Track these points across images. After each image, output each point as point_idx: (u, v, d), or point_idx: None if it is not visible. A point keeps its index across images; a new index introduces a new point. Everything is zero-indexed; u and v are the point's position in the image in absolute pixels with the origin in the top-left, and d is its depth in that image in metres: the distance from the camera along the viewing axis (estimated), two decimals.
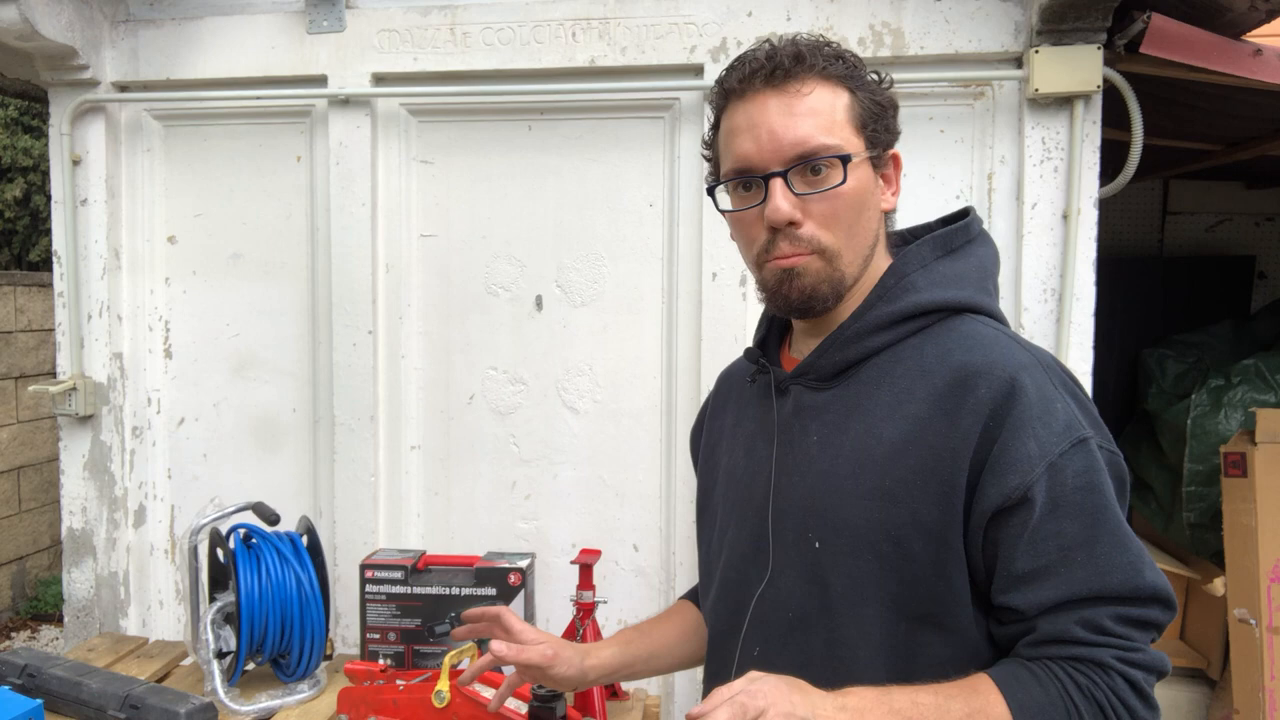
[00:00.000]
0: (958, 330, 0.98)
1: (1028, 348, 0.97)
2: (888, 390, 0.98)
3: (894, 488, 0.94)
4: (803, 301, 1.00)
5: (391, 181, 2.23)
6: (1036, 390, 0.91)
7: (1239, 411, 2.84)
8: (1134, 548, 0.90)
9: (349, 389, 2.23)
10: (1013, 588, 0.90)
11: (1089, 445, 0.91)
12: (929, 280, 1.01)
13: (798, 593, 1.00)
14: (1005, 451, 0.89)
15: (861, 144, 0.99)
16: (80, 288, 2.29)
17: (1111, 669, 0.87)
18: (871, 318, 1.00)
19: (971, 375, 0.93)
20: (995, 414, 0.91)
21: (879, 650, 0.95)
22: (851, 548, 0.96)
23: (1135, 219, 3.75)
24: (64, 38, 2.12)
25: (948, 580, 0.92)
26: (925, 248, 1.04)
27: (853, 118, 0.98)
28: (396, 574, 1.96)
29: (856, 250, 1.00)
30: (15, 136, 6.94)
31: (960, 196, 2.05)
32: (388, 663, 1.95)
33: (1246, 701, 2.59)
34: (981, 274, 1.05)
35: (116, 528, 2.33)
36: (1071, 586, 0.88)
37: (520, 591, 1.93)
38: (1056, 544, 0.89)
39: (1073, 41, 1.91)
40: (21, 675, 1.78)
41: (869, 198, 1.00)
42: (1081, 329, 1.98)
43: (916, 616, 0.94)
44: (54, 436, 4.75)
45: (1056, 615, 0.88)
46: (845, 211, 0.97)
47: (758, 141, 0.97)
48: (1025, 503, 0.89)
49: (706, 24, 2.07)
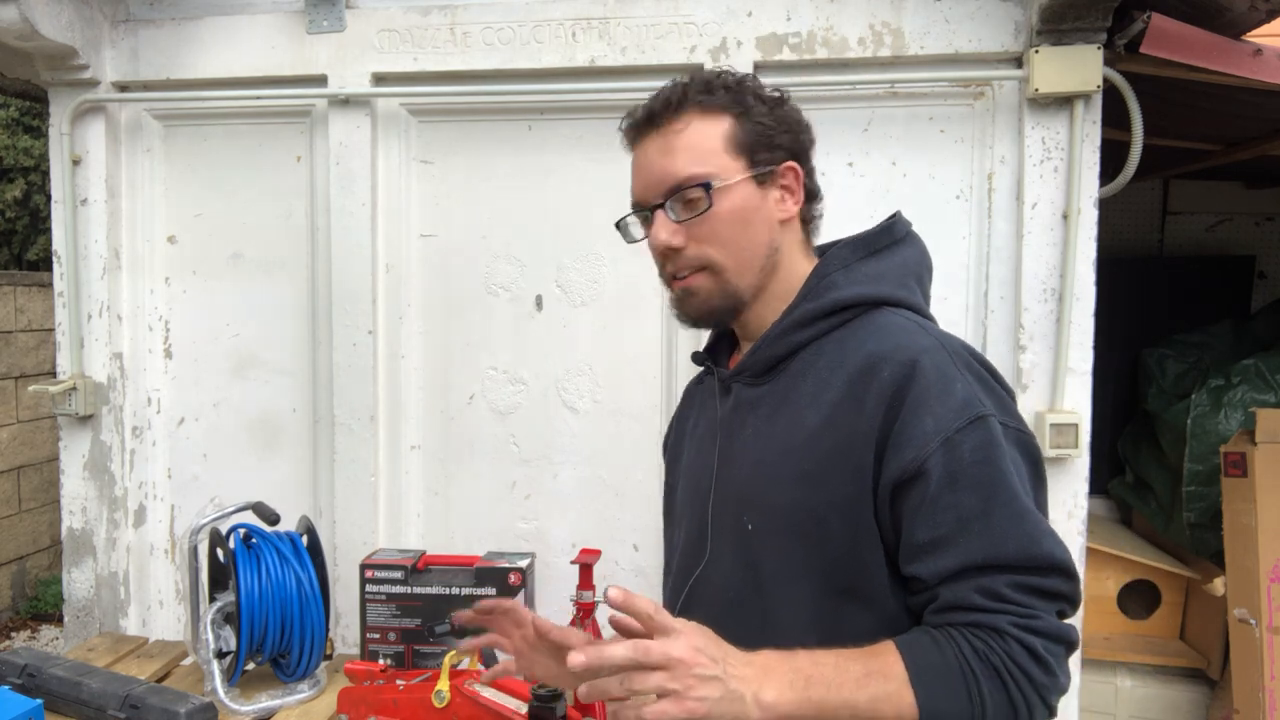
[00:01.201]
0: (874, 322, 1.05)
1: (935, 334, 1.03)
2: (811, 381, 1.05)
3: (814, 470, 1.00)
4: (700, 315, 1.11)
5: (391, 181, 2.23)
6: (936, 371, 0.97)
7: (1239, 411, 2.84)
8: (1032, 519, 0.93)
9: (349, 389, 2.23)
10: (915, 558, 0.95)
11: (988, 422, 0.95)
12: (849, 279, 1.09)
13: (734, 575, 1.07)
14: (905, 428, 0.95)
15: (741, 165, 1.07)
16: (80, 288, 2.29)
17: (1008, 634, 0.90)
18: (796, 316, 1.08)
19: (878, 361, 0.99)
20: (897, 394, 0.96)
21: (809, 626, 1.00)
22: (780, 528, 1.03)
23: (1135, 219, 3.74)
24: (64, 38, 2.12)
25: (863, 555, 0.98)
26: (846, 250, 1.12)
27: (732, 144, 1.07)
28: (396, 574, 1.96)
29: (745, 262, 1.08)
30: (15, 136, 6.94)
31: (960, 196, 2.05)
32: (388, 663, 1.95)
33: (1246, 701, 2.59)
34: (902, 271, 1.11)
35: (116, 528, 2.33)
36: (968, 554, 0.91)
37: (520, 591, 1.93)
38: (954, 515, 0.93)
39: (1073, 41, 1.91)
40: (21, 675, 1.78)
41: (751, 214, 1.07)
42: (1081, 329, 1.98)
43: (840, 591, 1.00)
44: (54, 436, 4.75)
45: (956, 584, 0.92)
46: (724, 229, 1.06)
47: (642, 180, 1.11)
48: (921, 475, 0.93)
49: (706, 24, 2.07)
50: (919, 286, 1.13)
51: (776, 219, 1.10)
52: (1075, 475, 2.01)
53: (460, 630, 1.86)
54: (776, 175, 1.10)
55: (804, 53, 2.04)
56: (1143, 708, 2.92)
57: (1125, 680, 2.92)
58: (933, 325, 1.07)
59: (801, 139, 1.12)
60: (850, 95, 2.06)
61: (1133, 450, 3.32)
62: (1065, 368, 1.98)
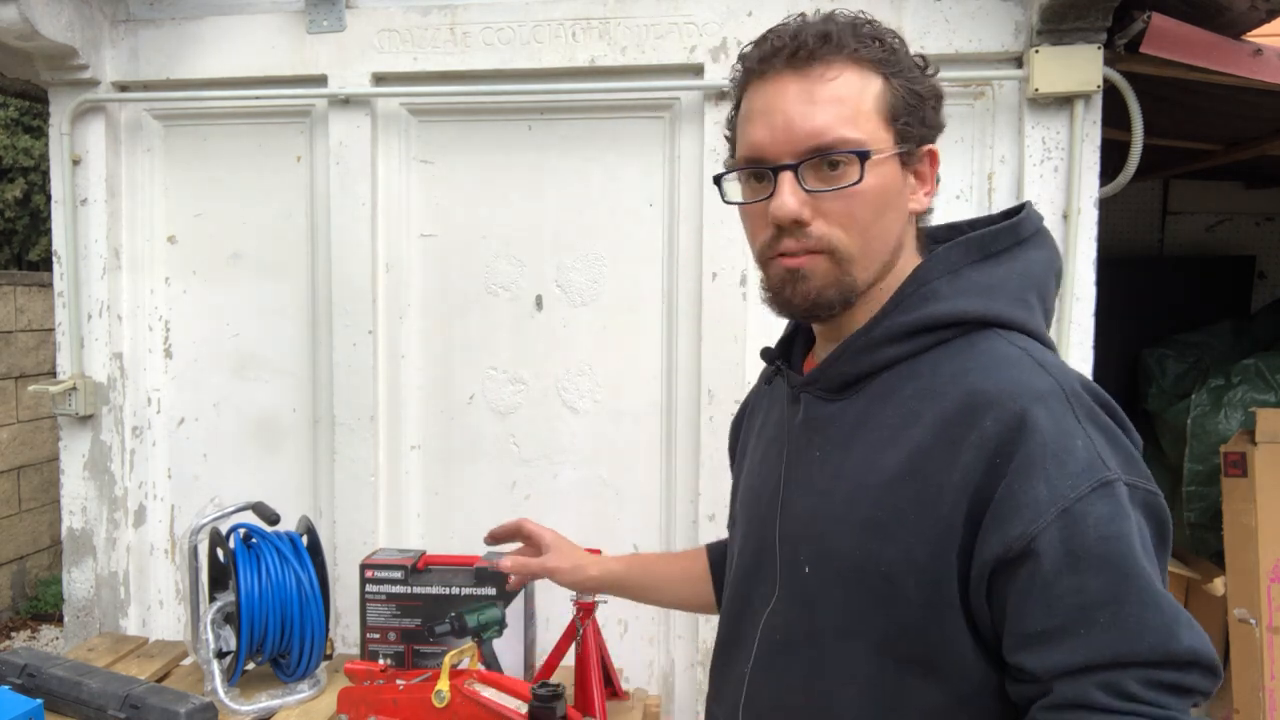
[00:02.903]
0: (978, 348, 0.88)
1: (1054, 373, 0.84)
2: (894, 410, 0.89)
3: (888, 520, 0.85)
4: (807, 306, 0.92)
5: (391, 181, 2.23)
6: (1053, 424, 0.80)
7: (1239, 411, 2.84)
8: (1168, 606, 0.77)
9: (349, 389, 2.23)
10: (1024, 646, 0.79)
11: (1114, 488, 0.78)
12: (954, 289, 0.91)
13: (788, 615, 0.95)
14: (1011, 495, 0.79)
15: (890, 138, 0.91)
16: (80, 287, 2.29)
17: None
18: (884, 328, 0.91)
19: (981, 403, 0.82)
20: (1002, 450, 0.80)
21: (863, 688, 0.88)
22: (840, 577, 0.89)
23: (1135, 219, 3.75)
24: (64, 37, 2.12)
25: (940, 624, 0.83)
26: (957, 251, 0.94)
27: (882, 108, 0.90)
28: (396, 574, 1.96)
29: (872, 255, 0.91)
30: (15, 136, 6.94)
31: (960, 196, 2.05)
32: (388, 663, 1.95)
33: (1246, 701, 2.59)
34: (1022, 283, 0.93)
35: (116, 528, 2.33)
36: (1092, 650, 0.76)
37: (520, 591, 1.93)
38: (1075, 601, 0.76)
39: (1073, 41, 1.91)
40: (21, 675, 1.78)
41: (893, 198, 0.91)
42: (1081, 329, 1.98)
43: (906, 659, 0.86)
44: (54, 436, 4.75)
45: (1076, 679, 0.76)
46: (861, 212, 0.89)
47: (772, 129, 0.89)
48: (1031, 554, 0.77)
49: (707, 24, 2.07)
50: (1040, 302, 0.95)
51: (909, 209, 0.95)
52: None
53: (460, 630, 1.86)
54: (918, 156, 0.95)
55: None
56: None
57: None
58: (1051, 357, 0.88)
59: (942, 118, 0.96)
60: None
61: None
62: None
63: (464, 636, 1.84)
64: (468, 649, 1.69)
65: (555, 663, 1.92)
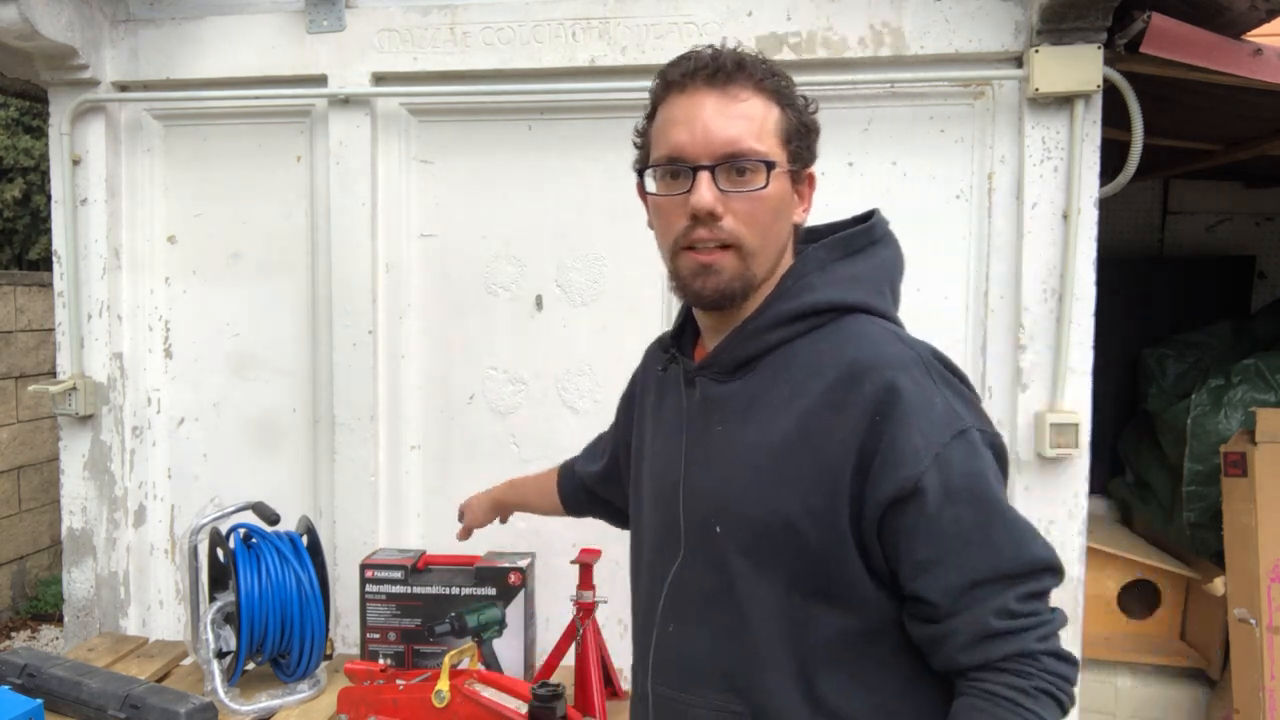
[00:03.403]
0: (849, 329, 1.05)
1: (912, 345, 1.03)
2: (784, 385, 1.04)
3: (787, 475, 1.00)
4: (715, 297, 1.05)
5: (391, 181, 2.23)
6: (916, 387, 0.98)
7: (1239, 411, 2.83)
8: (1020, 525, 0.98)
9: (349, 389, 2.23)
10: (918, 575, 0.97)
11: (969, 435, 0.98)
12: (825, 281, 1.07)
13: (708, 575, 1.07)
14: (894, 445, 0.96)
15: (785, 157, 1.05)
16: (80, 287, 2.29)
17: (1038, 653, 0.95)
18: (769, 315, 1.06)
19: (858, 371, 0.99)
20: (879, 409, 0.97)
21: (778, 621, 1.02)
22: (749, 533, 1.03)
23: (1135, 219, 3.74)
24: (64, 37, 2.12)
25: (838, 560, 0.99)
26: (824, 250, 1.10)
27: (780, 131, 1.05)
28: (396, 574, 1.96)
29: (768, 253, 1.06)
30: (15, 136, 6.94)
31: (960, 196, 2.05)
32: (388, 663, 1.95)
33: (1246, 701, 2.59)
34: (878, 275, 1.11)
35: (116, 527, 2.33)
36: (972, 569, 0.95)
37: (520, 591, 1.94)
38: (954, 531, 0.96)
39: (1073, 41, 1.91)
40: (21, 675, 1.78)
41: (785, 207, 1.07)
42: (1081, 329, 1.98)
43: (811, 592, 1.01)
44: (54, 436, 4.75)
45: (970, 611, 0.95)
46: (763, 214, 1.03)
47: (692, 134, 1.02)
48: (917, 492, 0.95)
49: (706, 24, 2.07)
50: (891, 291, 1.13)
51: (794, 220, 1.10)
52: (1075, 475, 2.01)
53: (460, 630, 1.86)
54: (802, 177, 1.10)
55: (804, 52, 2.04)
56: (1143, 708, 2.92)
57: (1125, 680, 2.92)
58: (906, 334, 1.08)
59: (817, 150, 1.12)
60: (850, 95, 2.06)
61: (1133, 450, 3.32)
62: (1065, 367, 1.98)
63: (464, 636, 1.84)
64: (468, 649, 1.69)
65: (555, 663, 1.93)
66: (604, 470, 1.53)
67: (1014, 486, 2.03)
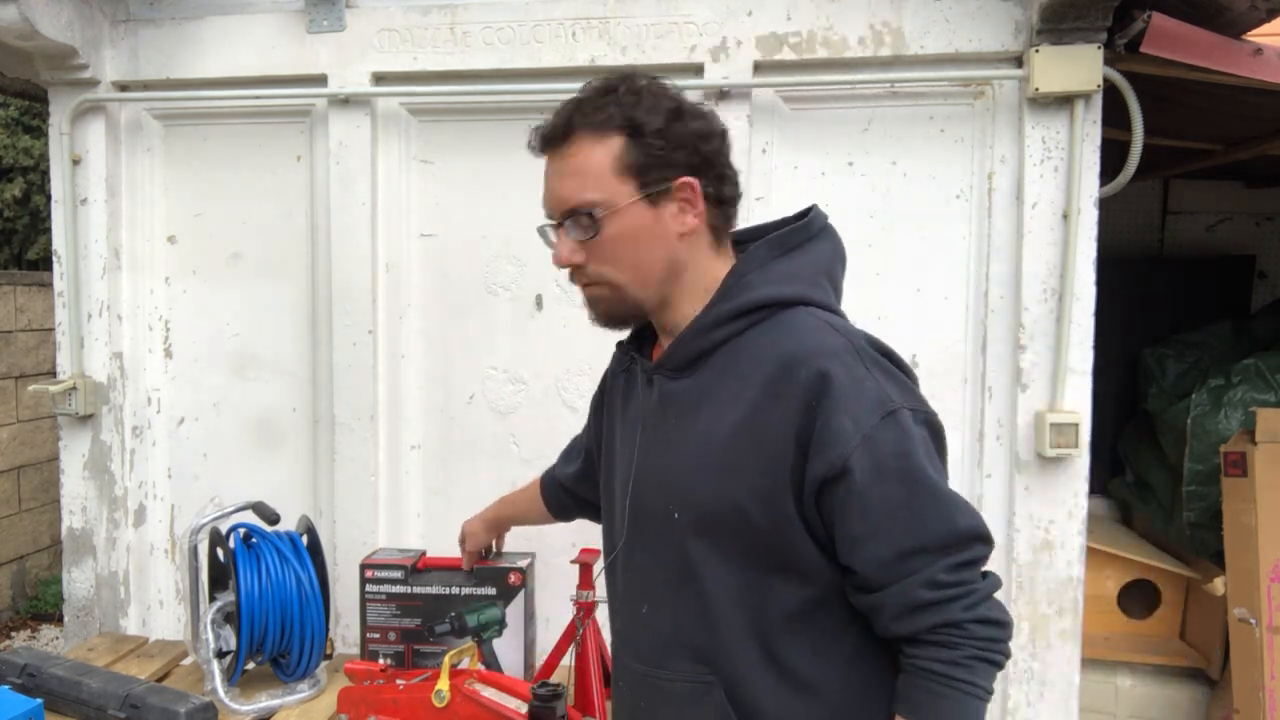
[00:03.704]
0: (788, 322, 1.12)
1: (845, 334, 1.10)
2: (731, 378, 1.12)
3: (734, 462, 1.08)
4: (605, 322, 1.20)
5: (391, 181, 2.23)
6: (847, 372, 1.05)
7: (1239, 411, 2.83)
8: (947, 499, 1.05)
9: (349, 388, 2.23)
10: (850, 548, 1.05)
11: (898, 415, 1.05)
12: (764, 278, 1.14)
13: (669, 560, 1.16)
14: (826, 428, 1.03)
15: (631, 187, 1.11)
16: (80, 287, 2.29)
17: (964, 622, 1.02)
18: (713, 314, 1.14)
19: (794, 362, 1.06)
20: (814, 395, 1.04)
21: (736, 596, 1.11)
22: (704, 516, 1.11)
23: (1135, 219, 3.74)
24: (64, 37, 2.12)
25: (787, 537, 1.08)
26: (763, 249, 1.17)
27: (621, 166, 1.11)
28: (396, 574, 1.96)
29: (641, 279, 1.15)
30: (15, 136, 6.94)
31: (960, 196, 2.05)
32: (388, 663, 1.95)
33: (1246, 701, 2.59)
34: (815, 269, 1.18)
35: (116, 527, 2.33)
36: (899, 541, 1.03)
37: (520, 591, 1.94)
38: (883, 506, 1.03)
39: (1073, 41, 1.91)
40: (21, 675, 1.78)
41: (643, 234, 1.13)
42: (1081, 329, 1.98)
43: (765, 568, 1.10)
44: (54, 436, 4.75)
45: (901, 583, 1.03)
46: (613, 251, 1.13)
47: (545, 197, 1.17)
48: (846, 472, 1.02)
49: (706, 23, 2.07)
50: (830, 282, 1.19)
51: (675, 234, 1.14)
52: (1075, 475, 2.01)
53: (460, 629, 1.86)
54: (672, 192, 1.12)
55: (804, 52, 2.04)
56: (1143, 707, 2.92)
57: (1125, 680, 2.92)
58: (841, 321, 1.14)
59: (704, 150, 1.14)
60: (850, 95, 2.06)
61: (1133, 450, 3.32)
62: (1065, 367, 1.98)
63: (464, 636, 1.84)
64: (468, 649, 1.69)
65: (555, 663, 1.93)
66: (580, 470, 1.60)
67: (1014, 486, 2.03)
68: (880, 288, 2.09)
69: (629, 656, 1.24)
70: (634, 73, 1.17)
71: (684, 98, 1.16)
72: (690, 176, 1.12)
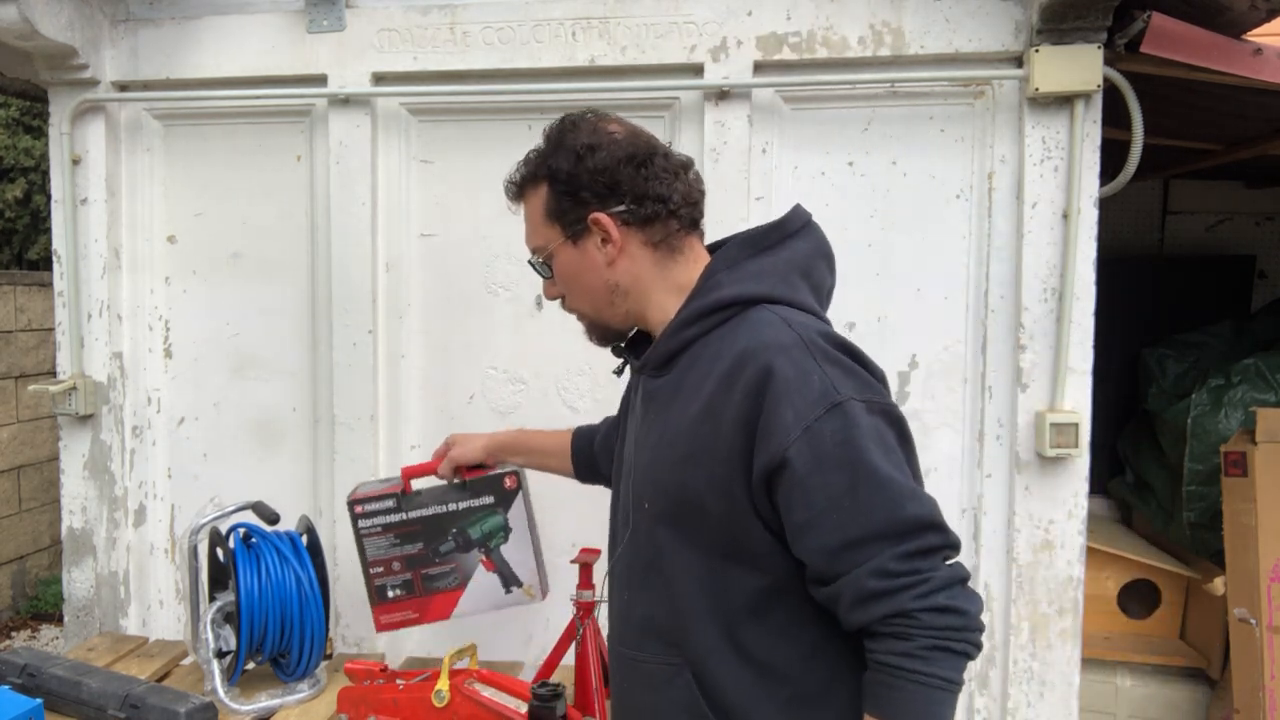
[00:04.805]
0: (749, 320, 1.15)
1: (798, 329, 1.11)
2: (697, 374, 1.16)
3: (695, 453, 1.13)
4: (597, 342, 1.33)
5: (391, 181, 2.23)
6: (794, 366, 1.07)
7: (1239, 411, 2.83)
8: (893, 487, 1.04)
9: (349, 388, 2.23)
10: (797, 537, 1.08)
11: (844, 407, 1.06)
12: (732, 278, 1.18)
13: (643, 547, 1.22)
14: (769, 421, 1.06)
15: (557, 230, 1.23)
16: (80, 287, 2.29)
17: (914, 611, 1.02)
18: (684, 314, 1.19)
19: (745, 357, 1.10)
20: (759, 389, 1.07)
21: (701, 582, 1.15)
22: (668, 505, 1.17)
23: (1135, 219, 3.74)
24: (64, 37, 2.12)
25: (742, 524, 1.11)
26: (734, 249, 1.21)
27: (547, 213, 1.23)
28: (388, 503, 1.84)
29: (603, 305, 1.26)
30: (15, 136, 6.94)
31: (960, 196, 2.05)
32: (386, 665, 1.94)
33: (1246, 701, 2.59)
34: (787, 267, 1.20)
35: (116, 527, 2.33)
36: (844, 530, 1.04)
37: (518, 495, 1.82)
38: (825, 495, 1.04)
39: (1073, 41, 1.91)
40: (21, 675, 1.78)
41: (576, 269, 1.24)
42: (1081, 329, 1.98)
43: (726, 555, 1.14)
44: (54, 436, 4.75)
45: (850, 575, 1.04)
46: (569, 287, 1.27)
47: None
48: (786, 463, 1.05)
49: (706, 23, 2.07)
50: (805, 280, 1.21)
51: (603, 264, 1.22)
52: (1075, 475, 2.01)
53: (465, 544, 1.79)
54: (589, 228, 1.21)
55: (804, 52, 2.04)
56: (1143, 707, 2.92)
57: (1125, 680, 2.92)
58: (800, 317, 1.15)
59: (618, 177, 1.19)
60: (850, 94, 2.06)
61: (1133, 450, 3.32)
62: (1065, 367, 1.98)
63: (470, 550, 1.79)
64: (468, 648, 1.69)
65: (555, 662, 1.92)
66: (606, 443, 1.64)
67: (1014, 486, 2.03)
68: (880, 288, 2.09)
69: (616, 640, 1.30)
70: (582, 113, 1.24)
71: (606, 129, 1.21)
72: (600, 210, 1.19)
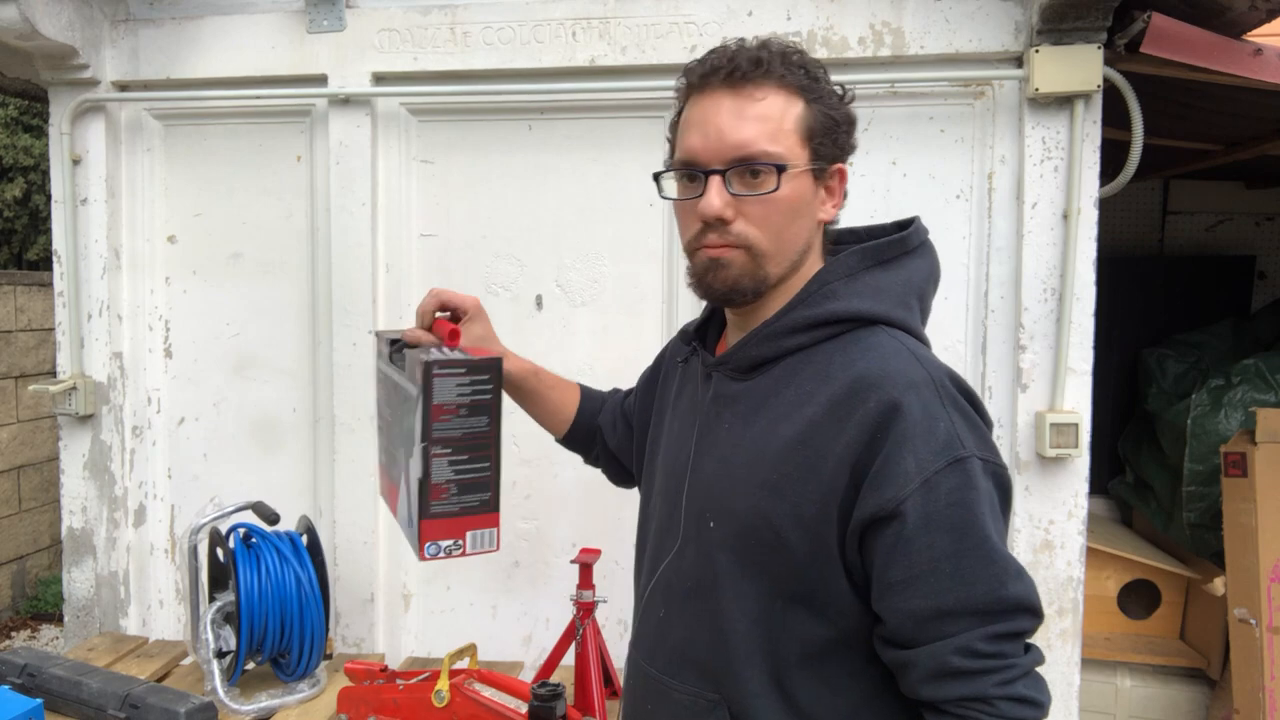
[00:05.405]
0: (865, 341, 1.03)
1: (927, 365, 1.00)
2: (793, 391, 1.03)
3: (781, 482, 1.00)
4: (725, 291, 1.05)
5: (391, 181, 2.23)
6: (922, 408, 0.96)
7: (1239, 411, 2.83)
8: (999, 561, 0.95)
9: (349, 389, 2.23)
10: (886, 595, 0.97)
11: (966, 464, 0.95)
12: (850, 290, 1.06)
13: (695, 567, 1.09)
14: (886, 465, 0.95)
15: (805, 155, 1.03)
16: (80, 287, 2.29)
17: (995, 699, 0.93)
18: (789, 320, 1.06)
19: (865, 387, 0.98)
20: (880, 427, 0.96)
21: (756, 620, 1.03)
22: (737, 531, 1.04)
23: (1135, 219, 3.74)
24: (64, 37, 2.12)
25: (820, 569, 1.00)
26: (854, 257, 1.08)
27: (801, 128, 1.03)
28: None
29: (783, 254, 1.05)
30: (15, 136, 6.94)
31: (960, 196, 2.05)
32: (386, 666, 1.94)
33: (1246, 701, 2.59)
34: (905, 288, 1.09)
35: (116, 527, 2.33)
36: (939, 597, 0.94)
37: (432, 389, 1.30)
38: (927, 555, 0.94)
39: (1073, 41, 1.91)
40: (21, 675, 1.78)
41: (804, 207, 1.04)
42: (1081, 329, 1.98)
43: (792, 597, 1.02)
44: (54, 436, 4.75)
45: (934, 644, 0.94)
46: (776, 216, 1.02)
47: (705, 138, 1.02)
48: (897, 516, 0.94)
49: (706, 23, 2.07)
50: (920, 304, 1.11)
51: (818, 218, 1.07)
52: (1075, 475, 2.01)
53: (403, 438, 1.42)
54: (829, 173, 1.06)
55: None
56: (1143, 708, 2.92)
57: (1125, 680, 2.92)
58: (925, 351, 1.05)
59: (854, 141, 1.09)
60: None
61: (1133, 450, 3.32)
62: (1065, 367, 1.98)
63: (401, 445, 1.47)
64: (467, 648, 1.69)
65: (555, 662, 1.92)
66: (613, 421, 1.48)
67: (1014, 486, 2.03)
68: None
69: (642, 655, 1.18)
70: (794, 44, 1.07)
71: None
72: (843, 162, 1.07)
